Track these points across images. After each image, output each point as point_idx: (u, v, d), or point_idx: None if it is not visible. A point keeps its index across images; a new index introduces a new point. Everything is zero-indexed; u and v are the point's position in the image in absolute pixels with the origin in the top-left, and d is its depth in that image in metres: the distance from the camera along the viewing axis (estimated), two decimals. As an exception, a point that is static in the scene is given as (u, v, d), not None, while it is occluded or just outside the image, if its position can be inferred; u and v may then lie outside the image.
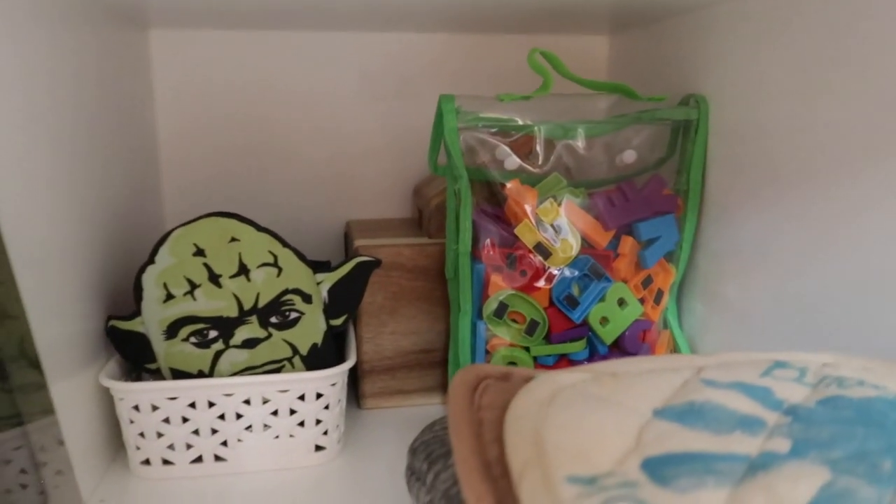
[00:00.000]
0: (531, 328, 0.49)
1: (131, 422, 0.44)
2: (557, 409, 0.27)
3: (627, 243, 0.49)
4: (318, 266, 0.46)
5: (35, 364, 0.29)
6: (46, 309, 0.38)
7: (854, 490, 0.21)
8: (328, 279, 0.46)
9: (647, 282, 0.50)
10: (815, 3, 0.40)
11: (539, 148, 0.49)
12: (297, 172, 0.67)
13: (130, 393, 0.43)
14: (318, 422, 0.46)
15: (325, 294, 0.46)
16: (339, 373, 0.45)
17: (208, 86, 0.64)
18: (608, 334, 0.49)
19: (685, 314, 0.55)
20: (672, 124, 0.52)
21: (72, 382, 0.41)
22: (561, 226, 0.48)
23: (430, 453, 0.33)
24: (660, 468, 0.23)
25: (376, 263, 0.47)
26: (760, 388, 0.28)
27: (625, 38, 0.66)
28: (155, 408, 0.43)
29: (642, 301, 0.50)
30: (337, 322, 0.47)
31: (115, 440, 0.47)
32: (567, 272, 0.48)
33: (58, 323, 0.39)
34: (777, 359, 0.31)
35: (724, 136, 0.50)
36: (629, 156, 0.51)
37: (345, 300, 0.47)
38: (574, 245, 0.48)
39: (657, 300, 0.51)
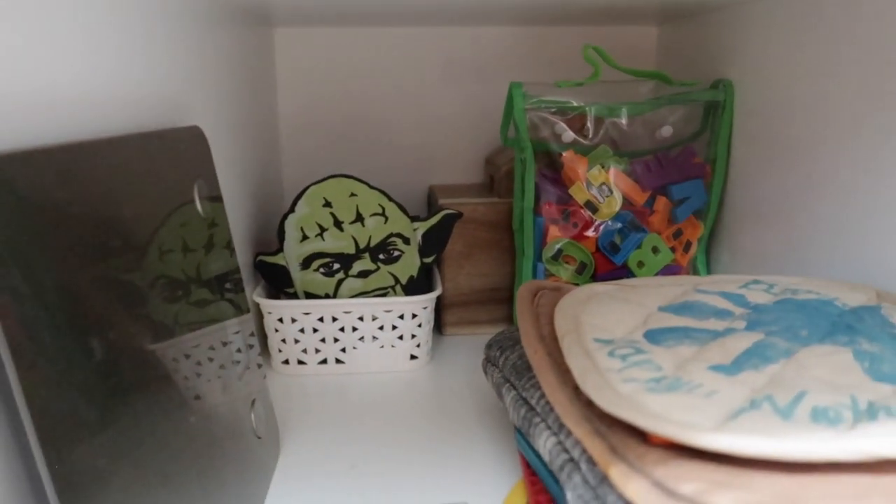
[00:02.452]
0: (581, 269, 0.61)
1: (276, 330, 0.58)
2: (591, 304, 0.39)
3: (661, 202, 0.61)
4: (415, 217, 0.60)
5: (240, 280, 0.43)
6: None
7: (775, 343, 0.33)
8: (422, 226, 0.60)
9: (677, 234, 0.62)
10: (826, 1, 0.50)
11: (590, 124, 0.60)
12: (388, 144, 0.81)
13: (276, 308, 0.57)
14: (413, 336, 0.59)
15: (419, 238, 0.60)
16: (429, 298, 0.59)
17: (319, 72, 0.78)
18: (644, 275, 0.61)
19: (713, 263, 0.66)
20: (703, 105, 0.63)
21: (237, 298, 0.55)
22: (607, 187, 0.60)
23: (501, 345, 0.46)
24: (655, 335, 0.35)
25: (459, 215, 0.61)
26: (736, 295, 0.40)
27: (670, 30, 0.77)
28: (293, 320, 0.58)
29: (673, 250, 0.62)
30: (428, 260, 0.60)
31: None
32: (610, 224, 0.60)
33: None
34: (756, 278, 0.43)
35: (747, 114, 0.60)
36: (666, 131, 0.62)
37: (434, 243, 0.60)
38: (617, 202, 0.60)
39: (686, 249, 0.63)
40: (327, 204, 0.58)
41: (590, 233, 0.60)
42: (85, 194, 0.26)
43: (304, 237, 0.58)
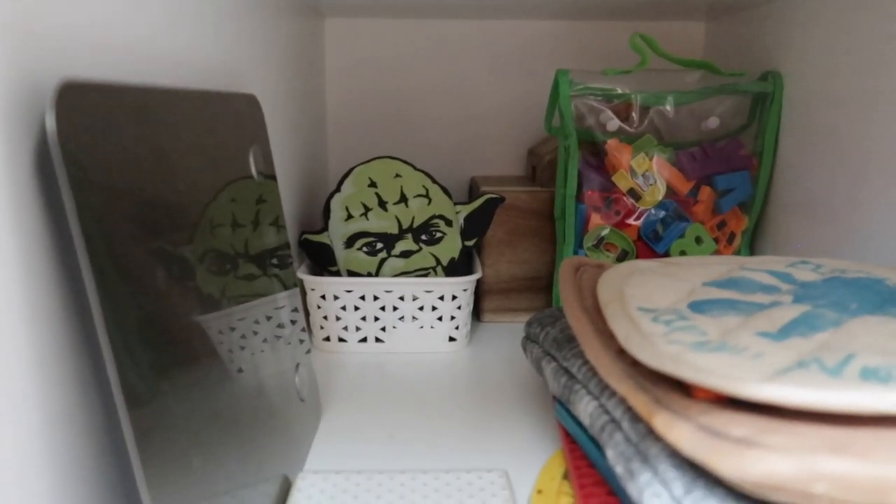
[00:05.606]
0: (622, 257, 0.61)
1: (318, 307, 0.59)
2: (634, 277, 0.39)
3: (705, 192, 0.60)
4: (458, 202, 0.60)
5: (288, 257, 0.44)
6: (273, 216, 0.54)
7: (823, 314, 0.32)
8: (464, 209, 0.60)
9: (721, 225, 0.61)
10: (868, -6, 0.49)
11: (635, 113, 0.60)
12: (432, 135, 0.82)
13: (320, 285, 0.59)
14: (452, 318, 0.60)
15: (461, 221, 0.60)
16: (470, 281, 0.59)
17: (366, 62, 0.80)
18: (686, 265, 0.60)
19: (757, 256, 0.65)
20: (751, 97, 0.62)
21: (282, 273, 0.57)
22: (650, 175, 0.60)
23: (541, 322, 0.47)
24: (699, 306, 0.35)
25: (501, 200, 0.61)
26: (783, 273, 0.39)
27: (718, 25, 0.76)
28: (336, 297, 0.59)
29: (716, 240, 0.61)
30: (469, 243, 0.61)
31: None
32: (653, 213, 0.60)
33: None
34: (803, 259, 0.42)
35: (796, 107, 0.59)
36: (713, 122, 0.62)
37: (476, 226, 0.61)
38: (661, 191, 0.60)
39: (730, 241, 0.62)
40: (372, 184, 0.59)
41: (632, 221, 0.60)
42: (154, 135, 0.27)
43: (349, 216, 0.59)
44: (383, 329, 0.60)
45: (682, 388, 0.28)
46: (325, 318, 0.60)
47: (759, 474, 0.21)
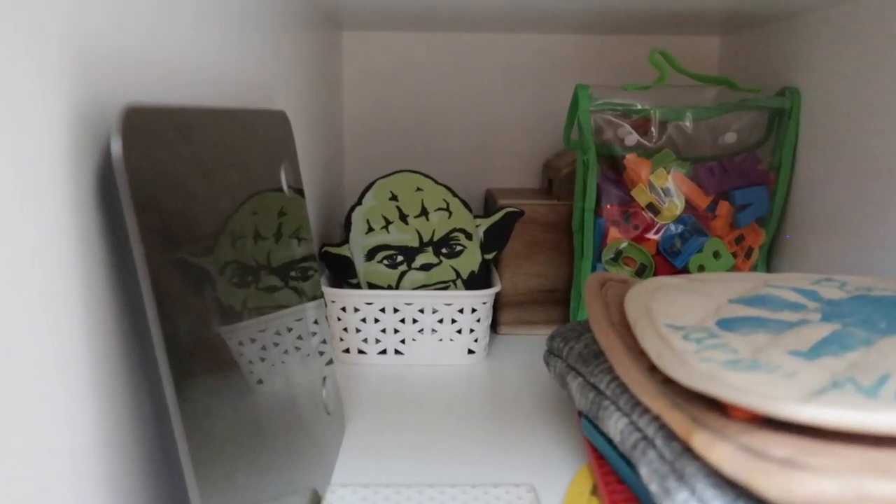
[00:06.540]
0: (640, 271, 0.61)
1: (339, 319, 0.60)
2: (660, 294, 0.40)
3: (724, 207, 0.61)
4: (477, 215, 0.61)
5: (314, 269, 0.45)
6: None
7: (853, 333, 0.33)
8: (484, 223, 0.61)
9: (739, 239, 0.62)
10: None
11: (654, 128, 0.61)
12: (448, 147, 0.83)
13: (341, 297, 0.59)
14: (472, 331, 0.60)
15: (481, 234, 0.61)
16: (489, 294, 0.60)
17: (383, 75, 0.81)
18: (704, 280, 0.60)
19: (774, 272, 0.65)
20: (768, 112, 0.63)
21: (304, 285, 0.57)
22: (669, 189, 0.60)
23: (564, 336, 0.47)
24: (728, 323, 0.36)
25: (520, 213, 0.62)
26: (809, 290, 0.40)
27: (733, 40, 0.77)
28: (356, 310, 0.59)
29: (734, 255, 0.62)
30: (489, 256, 0.61)
31: (320, 337, 0.64)
32: (672, 227, 0.60)
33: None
34: (827, 276, 0.42)
35: (814, 122, 0.60)
36: (730, 137, 0.62)
37: (495, 240, 0.61)
38: (679, 205, 0.60)
39: (748, 255, 0.62)
40: (393, 197, 0.59)
41: (650, 235, 0.61)
42: (203, 155, 0.27)
43: (370, 229, 0.60)
44: (403, 341, 0.60)
45: (718, 407, 0.29)
46: (346, 330, 0.60)
47: (805, 496, 0.21)
